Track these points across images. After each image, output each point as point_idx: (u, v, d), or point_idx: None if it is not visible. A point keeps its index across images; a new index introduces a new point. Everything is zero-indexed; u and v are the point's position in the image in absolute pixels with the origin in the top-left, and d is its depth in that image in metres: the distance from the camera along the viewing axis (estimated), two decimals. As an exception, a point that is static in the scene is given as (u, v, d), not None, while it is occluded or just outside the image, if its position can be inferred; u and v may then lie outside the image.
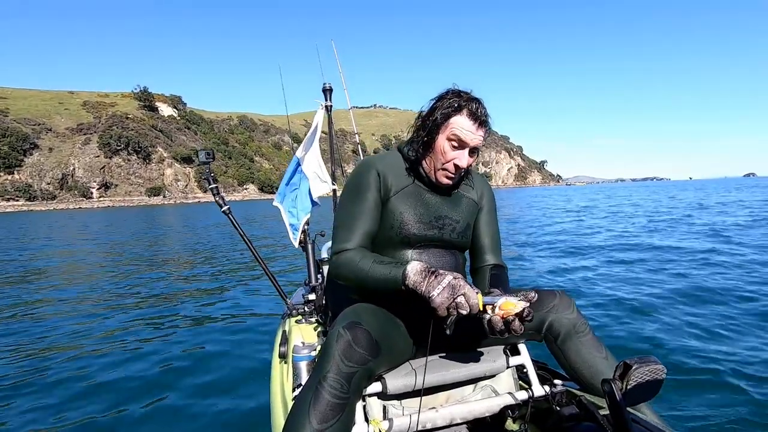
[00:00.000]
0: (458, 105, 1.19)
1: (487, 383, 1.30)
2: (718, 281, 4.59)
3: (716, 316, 3.40)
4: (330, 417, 0.97)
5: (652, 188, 73.17)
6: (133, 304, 4.88)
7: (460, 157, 1.22)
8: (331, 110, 2.69)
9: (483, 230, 1.40)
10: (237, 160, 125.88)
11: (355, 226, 1.22)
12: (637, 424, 1.07)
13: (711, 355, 2.63)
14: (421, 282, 1.04)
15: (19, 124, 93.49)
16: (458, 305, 1.00)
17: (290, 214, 2.51)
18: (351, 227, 1.22)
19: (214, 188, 2.27)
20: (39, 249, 11.57)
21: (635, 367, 0.97)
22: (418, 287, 1.04)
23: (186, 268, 7.57)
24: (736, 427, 1.93)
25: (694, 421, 1.97)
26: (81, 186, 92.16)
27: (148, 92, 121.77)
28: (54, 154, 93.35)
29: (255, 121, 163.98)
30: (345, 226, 1.23)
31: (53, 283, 6.43)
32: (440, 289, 1.00)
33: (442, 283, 1.01)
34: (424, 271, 1.05)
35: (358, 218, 1.22)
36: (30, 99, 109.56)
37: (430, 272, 1.04)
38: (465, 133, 1.19)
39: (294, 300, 2.19)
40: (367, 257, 1.15)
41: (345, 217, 1.24)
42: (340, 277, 1.20)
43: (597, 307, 3.83)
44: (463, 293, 1.00)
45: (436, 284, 1.01)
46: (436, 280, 1.02)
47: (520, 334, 1.05)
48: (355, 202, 1.24)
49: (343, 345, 1.03)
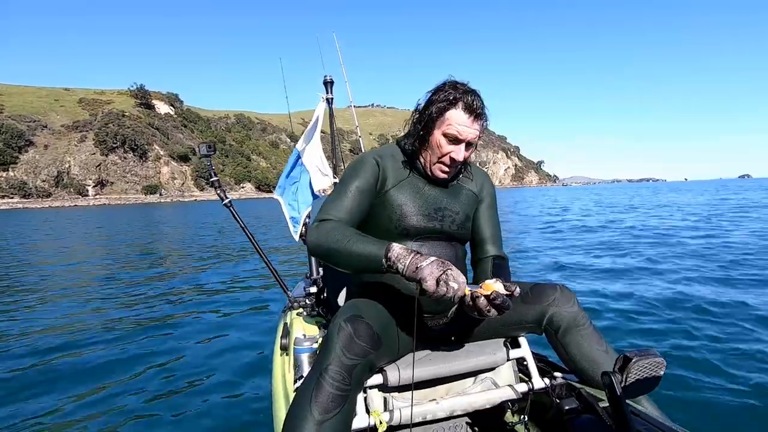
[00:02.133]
0: (454, 98, 1.18)
1: (488, 376, 1.31)
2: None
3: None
4: (331, 409, 0.97)
5: (635, 189, 73.68)
6: (133, 298, 4.86)
7: (456, 151, 1.21)
8: (332, 102, 2.68)
9: (484, 222, 1.40)
10: (234, 159, 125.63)
11: (343, 204, 1.22)
12: (637, 417, 1.08)
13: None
14: (405, 257, 1.01)
15: (14, 120, 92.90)
16: (448, 277, 0.97)
17: (291, 207, 2.50)
18: (339, 204, 1.22)
19: (216, 181, 2.26)
20: (47, 243, 11.51)
21: (635, 360, 0.98)
22: (402, 261, 1.00)
23: (186, 262, 7.56)
24: (737, 419, 1.94)
25: (694, 413, 1.98)
26: (77, 184, 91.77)
27: (144, 90, 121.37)
28: (49, 151, 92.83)
29: (252, 120, 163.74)
30: (333, 201, 1.23)
31: (54, 280, 6.40)
32: (429, 262, 0.98)
33: (429, 259, 0.99)
34: (408, 249, 1.03)
35: (349, 197, 1.23)
36: (25, 95, 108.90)
37: (416, 252, 1.03)
38: (461, 127, 1.18)
39: (295, 293, 2.19)
40: (349, 230, 1.13)
41: (336, 194, 1.25)
42: (315, 245, 1.14)
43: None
44: (451, 268, 0.98)
45: (423, 258, 1.00)
46: (422, 257, 1.01)
47: (488, 315, 1.05)
48: (349, 184, 1.24)
49: (344, 337, 1.04)
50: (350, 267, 1.11)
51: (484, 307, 1.04)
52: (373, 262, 1.05)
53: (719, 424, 1.92)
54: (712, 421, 1.94)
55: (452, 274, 0.97)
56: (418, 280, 0.97)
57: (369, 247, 1.06)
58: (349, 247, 1.08)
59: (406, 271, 1.00)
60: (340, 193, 1.24)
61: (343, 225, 1.16)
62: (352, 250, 1.07)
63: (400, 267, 1.01)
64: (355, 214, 1.22)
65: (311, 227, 1.20)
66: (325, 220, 1.18)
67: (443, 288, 0.96)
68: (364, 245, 1.07)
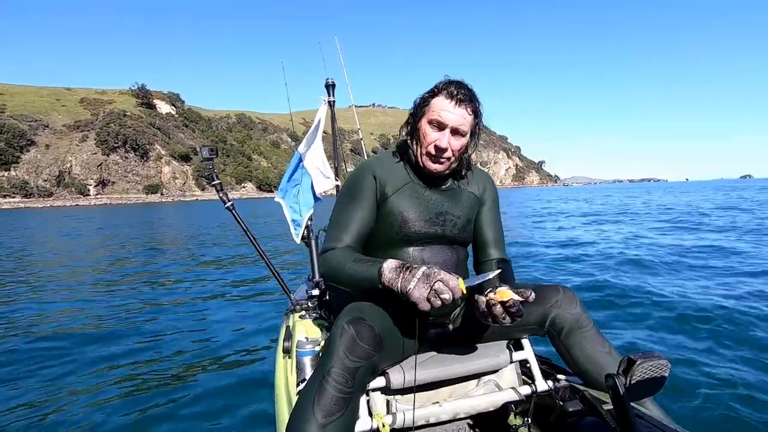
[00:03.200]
0: (437, 88, 1.23)
1: (491, 378, 1.31)
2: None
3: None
4: (334, 411, 0.97)
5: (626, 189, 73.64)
6: (134, 300, 4.86)
7: (440, 138, 1.21)
8: (334, 105, 2.68)
9: (486, 225, 1.40)
10: (235, 159, 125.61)
11: (346, 227, 1.24)
12: (641, 419, 1.08)
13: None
14: (395, 279, 1.03)
15: (16, 120, 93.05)
16: (438, 291, 0.97)
17: (292, 210, 2.50)
18: (342, 227, 1.25)
19: (218, 184, 2.26)
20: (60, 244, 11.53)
21: (639, 362, 0.98)
22: (393, 284, 1.03)
23: (188, 264, 7.54)
24: (741, 419, 1.93)
25: (699, 416, 1.97)
26: (78, 183, 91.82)
27: (146, 89, 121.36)
28: (51, 150, 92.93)
29: (253, 119, 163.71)
30: (336, 226, 1.26)
31: (60, 282, 6.42)
32: (415, 282, 0.99)
33: (416, 276, 1.00)
34: (398, 267, 1.05)
35: (351, 219, 1.25)
36: (27, 95, 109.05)
37: (405, 268, 1.04)
38: (443, 112, 1.20)
39: (297, 295, 2.19)
40: (348, 256, 1.16)
41: (338, 217, 1.28)
42: (325, 275, 1.22)
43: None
44: (439, 278, 0.98)
45: (410, 278, 1.00)
46: (410, 274, 1.01)
47: (502, 322, 1.06)
48: (349, 204, 1.26)
49: (347, 340, 1.04)
50: (360, 291, 1.16)
51: (500, 315, 1.05)
52: (372, 286, 1.09)
53: (725, 427, 1.90)
54: (718, 424, 1.92)
55: (440, 287, 0.97)
56: (412, 303, 1.00)
57: (363, 273, 1.11)
58: (350, 275, 1.13)
59: (400, 295, 1.03)
60: (342, 216, 1.27)
61: (344, 251, 1.20)
62: (354, 276, 1.13)
63: (395, 291, 1.04)
64: (361, 234, 1.26)
65: (321, 258, 1.25)
66: (327, 251, 1.23)
67: (437, 302, 0.97)
68: (361, 270, 1.11)
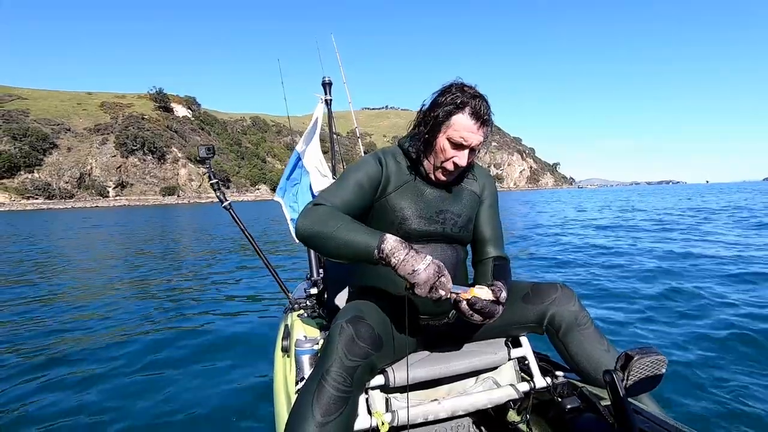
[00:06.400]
0: (461, 102, 1.14)
1: (489, 375, 1.31)
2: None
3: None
4: (333, 410, 0.97)
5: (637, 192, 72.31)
6: (135, 298, 4.93)
7: (460, 157, 1.18)
8: (331, 104, 2.69)
9: (485, 222, 1.38)
10: (250, 161, 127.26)
11: (340, 193, 1.18)
12: (639, 415, 1.07)
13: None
14: (401, 251, 0.97)
15: (39, 124, 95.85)
16: (441, 285, 0.96)
17: (291, 209, 2.52)
18: (336, 192, 1.18)
19: (215, 183, 2.24)
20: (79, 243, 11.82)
21: (637, 358, 0.97)
22: (396, 254, 0.97)
23: (188, 263, 7.65)
24: (739, 417, 1.91)
25: (696, 411, 1.96)
26: (98, 185, 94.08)
27: (163, 93, 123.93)
28: (72, 153, 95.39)
29: (267, 122, 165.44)
30: (331, 189, 1.20)
31: (74, 279, 6.58)
32: (426, 264, 0.96)
33: (425, 260, 0.97)
34: (404, 243, 1.00)
35: (347, 189, 1.20)
36: (49, 100, 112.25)
37: (411, 247, 1.00)
38: (466, 133, 1.15)
39: (296, 294, 2.18)
40: (342, 216, 1.09)
41: (335, 185, 1.23)
42: (304, 227, 1.09)
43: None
44: (445, 273, 0.98)
45: (420, 259, 0.96)
46: (419, 255, 0.97)
47: (471, 320, 1.06)
48: (349, 177, 1.21)
49: (345, 339, 1.03)
50: (338, 254, 1.05)
51: (466, 312, 1.05)
52: (363, 252, 1.01)
53: (722, 423, 1.88)
54: (715, 420, 1.90)
55: (443, 282, 0.97)
56: (412, 283, 0.96)
57: (361, 235, 1.02)
58: (338, 233, 1.04)
59: (400, 268, 0.97)
60: (340, 184, 1.21)
61: (337, 211, 1.12)
62: (343, 236, 1.03)
63: (393, 261, 0.98)
64: (351, 206, 1.18)
65: (303, 210, 1.15)
66: (319, 205, 1.13)
67: (435, 294, 0.97)
68: (356, 233, 1.03)
